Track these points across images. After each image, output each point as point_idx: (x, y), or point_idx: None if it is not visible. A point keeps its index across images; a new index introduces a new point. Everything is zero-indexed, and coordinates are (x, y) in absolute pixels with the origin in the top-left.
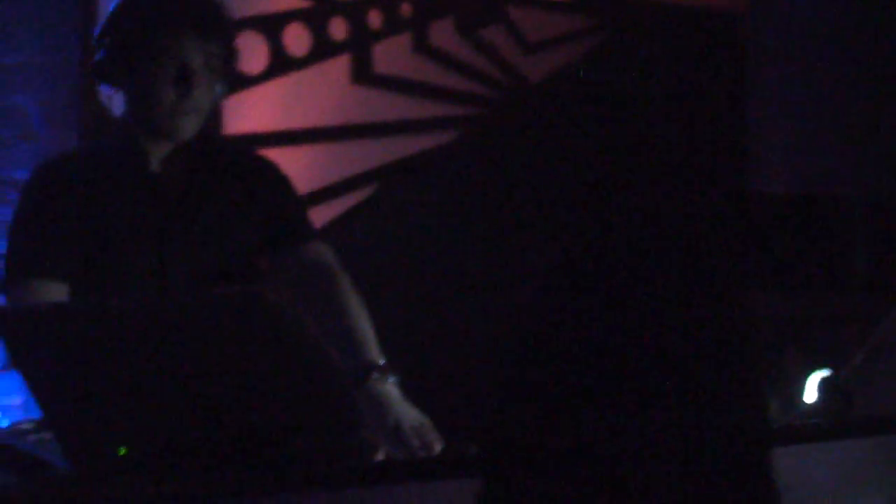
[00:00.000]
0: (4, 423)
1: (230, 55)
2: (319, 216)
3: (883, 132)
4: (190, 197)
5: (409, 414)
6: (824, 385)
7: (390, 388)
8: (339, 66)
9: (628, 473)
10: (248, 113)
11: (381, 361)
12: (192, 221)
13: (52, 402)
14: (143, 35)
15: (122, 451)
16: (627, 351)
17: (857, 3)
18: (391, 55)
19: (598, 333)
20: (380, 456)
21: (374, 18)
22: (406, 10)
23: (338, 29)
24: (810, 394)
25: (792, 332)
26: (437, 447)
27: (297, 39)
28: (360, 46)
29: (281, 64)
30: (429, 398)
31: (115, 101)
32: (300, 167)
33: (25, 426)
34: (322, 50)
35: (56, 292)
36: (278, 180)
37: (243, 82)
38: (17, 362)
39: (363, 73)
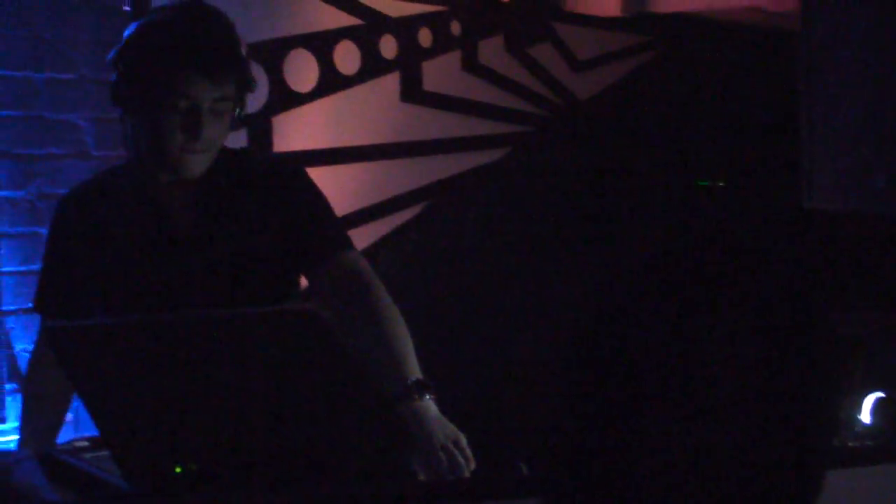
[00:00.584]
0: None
1: (243, 88)
2: (369, 234)
3: None
4: (201, 227)
5: (443, 431)
6: (879, 406)
7: (427, 404)
8: (388, 84)
9: (690, 487)
10: (298, 131)
11: (419, 377)
12: (203, 251)
13: (107, 419)
14: (152, 72)
15: (179, 468)
16: (695, 366)
17: None
18: (441, 73)
19: (662, 347)
20: (422, 477)
21: (424, 36)
22: (455, 28)
23: (388, 47)
24: (866, 415)
25: (848, 351)
26: (469, 466)
27: (347, 57)
28: (409, 64)
29: (331, 82)
30: (476, 416)
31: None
32: (349, 185)
33: (82, 443)
34: (372, 68)
35: None
36: (306, 190)
37: (294, 100)
38: (72, 379)
39: (413, 91)
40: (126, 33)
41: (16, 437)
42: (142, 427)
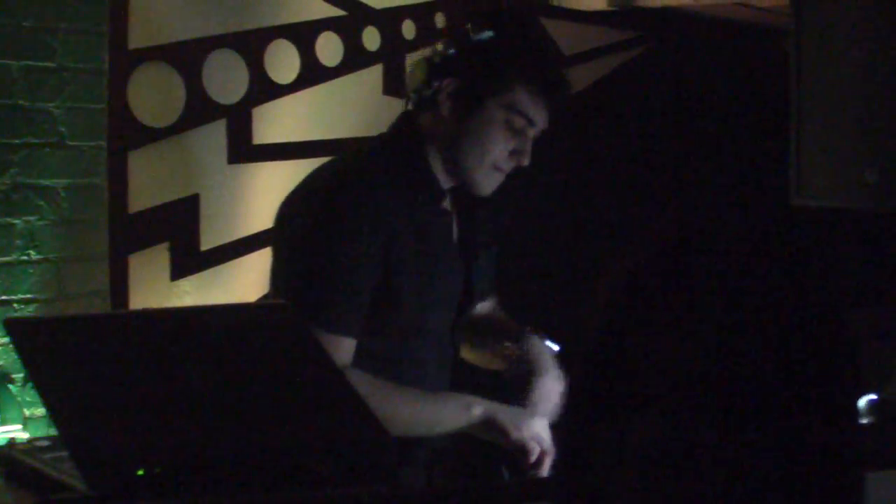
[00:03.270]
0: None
1: None
2: None
3: None
4: (465, 240)
5: None
6: (871, 408)
7: None
8: (371, 77)
9: (717, 488)
10: (278, 123)
11: None
12: (475, 262)
13: (67, 418)
14: (504, 80)
15: (141, 471)
16: (720, 362)
17: None
18: None
19: (686, 344)
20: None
21: (408, 28)
22: (440, 20)
23: (371, 39)
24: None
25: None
26: None
27: (329, 49)
28: (393, 56)
29: (312, 73)
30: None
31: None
32: None
33: (42, 443)
34: (354, 60)
35: (348, 348)
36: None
37: (274, 91)
38: (32, 375)
39: (396, 84)
40: (474, 31)
41: None
42: (103, 427)
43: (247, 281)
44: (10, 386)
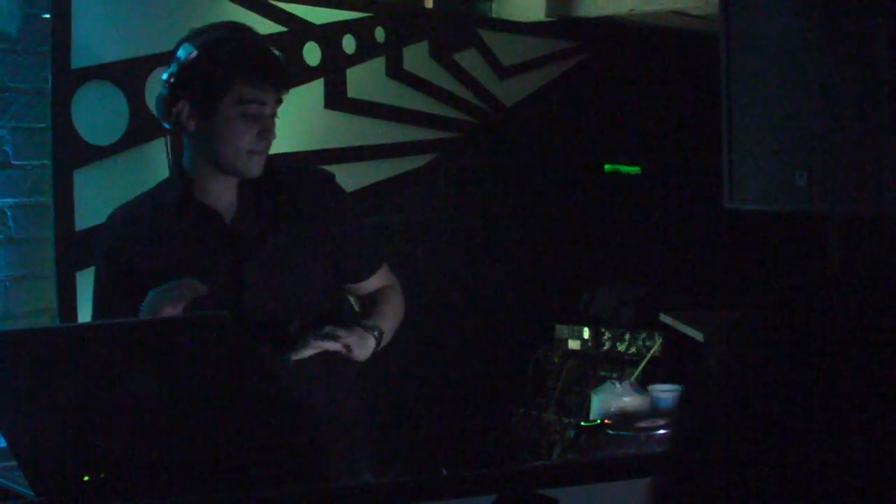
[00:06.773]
0: None
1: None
2: None
3: (858, 148)
4: (257, 231)
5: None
6: None
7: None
8: (313, 91)
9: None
10: None
11: (377, 324)
12: (263, 253)
13: (14, 428)
14: (224, 83)
15: (87, 477)
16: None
17: (831, 23)
18: (365, 80)
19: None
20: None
21: (348, 43)
22: (380, 34)
23: (312, 54)
24: None
25: None
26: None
27: None
28: (333, 71)
29: None
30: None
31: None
32: None
33: None
34: (296, 75)
35: None
36: (341, 207)
37: None
38: None
39: (337, 98)
40: (185, 53)
41: None
42: (50, 435)
43: None
44: None
